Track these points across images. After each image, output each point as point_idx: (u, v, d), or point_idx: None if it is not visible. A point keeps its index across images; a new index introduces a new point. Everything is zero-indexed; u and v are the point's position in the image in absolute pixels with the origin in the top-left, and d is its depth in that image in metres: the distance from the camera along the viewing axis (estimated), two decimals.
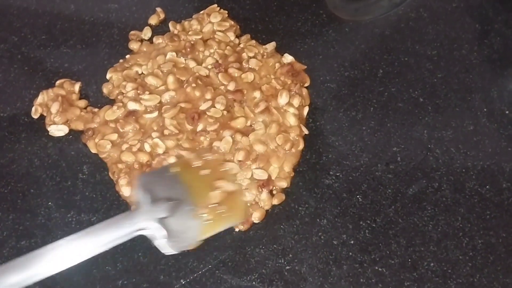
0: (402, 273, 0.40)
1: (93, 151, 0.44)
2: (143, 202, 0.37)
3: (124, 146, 0.43)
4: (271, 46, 0.50)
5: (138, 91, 0.46)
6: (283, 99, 0.46)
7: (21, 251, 0.40)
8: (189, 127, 0.44)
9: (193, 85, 0.46)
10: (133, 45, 0.50)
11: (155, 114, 0.45)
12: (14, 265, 0.33)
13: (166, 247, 0.37)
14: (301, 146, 0.45)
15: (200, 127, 0.44)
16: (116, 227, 0.36)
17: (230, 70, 0.47)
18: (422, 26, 0.52)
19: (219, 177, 0.41)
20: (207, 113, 0.44)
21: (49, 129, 0.45)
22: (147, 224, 0.36)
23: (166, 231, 0.36)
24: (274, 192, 0.43)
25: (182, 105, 0.45)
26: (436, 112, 0.47)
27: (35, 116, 0.46)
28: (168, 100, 0.46)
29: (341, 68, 0.50)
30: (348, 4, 0.48)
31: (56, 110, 0.45)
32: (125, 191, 0.42)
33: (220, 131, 0.43)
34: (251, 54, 0.48)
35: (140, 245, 0.41)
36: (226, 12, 0.51)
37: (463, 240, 0.42)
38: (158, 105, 0.45)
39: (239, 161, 0.42)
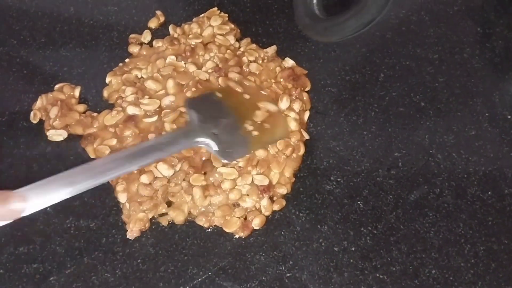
0: (403, 280, 0.40)
1: (92, 156, 0.44)
2: (194, 120, 0.42)
3: None
4: (272, 49, 0.49)
5: (138, 96, 0.45)
6: (283, 104, 0.45)
7: (20, 257, 0.40)
8: None
9: (193, 89, 0.45)
10: (133, 49, 0.49)
11: (155, 118, 0.44)
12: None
13: (223, 157, 0.41)
14: (301, 151, 0.44)
15: None
16: (177, 139, 0.41)
17: (230, 74, 0.46)
18: (424, 29, 0.52)
19: (260, 99, 0.45)
20: None
21: (48, 133, 0.45)
22: (201, 137, 0.41)
23: (218, 144, 0.41)
24: (275, 198, 0.43)
25: (182, 109, 0.44)
26: (437, 116, 0.47)
27: (34, 121, 0.45)
28: (168, 105, 0.45)
29: (342, 72, 0.49)
30: (317, 23, 0.48)
31: (55, 115, 0.45)
32: (121, 197, 0.42)
33: None
34: (252, 58, 0.48)
35: (139, 252, 0.40)
36: (227, 15, 0.51)
37: (464, 247, 0.41)
38: (157, 109, 0.45)
39: (240, 167, 0.42)
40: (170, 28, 0.50)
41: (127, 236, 0.41)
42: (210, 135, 0.41)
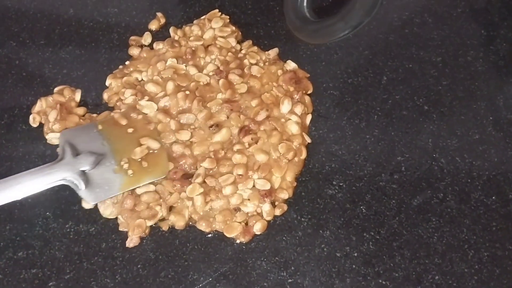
0: (406, 286, 0.39)
1: None
2: (66, 155, 0.41)
3: None
4: (273, 52, 0.49)
5: (138, 98, 0.45)
6: (285, 107, 0.45)
7: (19, 262, 0.40)
8: None
9: (187, 92, 0.45)
10: (133, 51, 0.49)
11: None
12: None
13: (88, 198, 0.40)
14: (303, 155, 0.44)
15: None
16: (38, 176, 0.39)
17: (231, 77, 0.46)
18: (427, 31, 0.52)
19: (143, 135, 0.43)
20: None
21: (47, 137, 0.44)
22: (67, 175, 0.40)
23: (86, 183, 0.40)
24: (276, 203, 0.42)
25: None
26: (441, 120, 0.47)
27: (34, 124, 0.45)
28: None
29: (344, 75, 0.49)
30: (307, 25, 0.47)
31: (54, 118, 0.44)
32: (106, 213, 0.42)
33: None
34: (253, 61, 0.47)
35: (139, 257, 0.40)
36: (228, 17, 0.51)
37: (468, 253, 0.41)
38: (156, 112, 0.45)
39: (239, 175, 0.42)
40: (171, 30, 0.50)
41: (126, 245, 0.40)
42: (77, 173, 0.40)
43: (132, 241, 0.40)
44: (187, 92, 0.45)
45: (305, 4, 0.48)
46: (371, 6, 0.40)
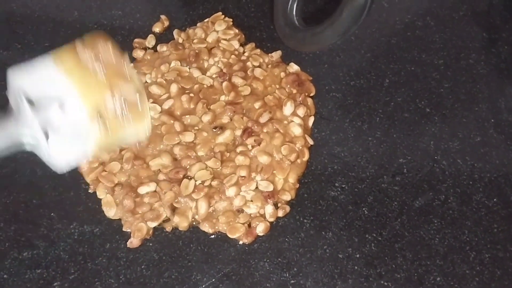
0: (408, 287, 0.40)
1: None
2: (21, 106, 0.31)
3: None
4: (276, 54, 0.49)
5: None
6: (287, 109, 0.45)
7: (23, 262, 0.40)
8: None
9: (191, 94, 0.45)
10: (137, 54, 0.49)
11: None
12: None
13: (55, 159, 0.31)
14: (306, 157, 0.44)
15: None
16: None
17: (234, 79, 0.46)
18: (429, 34, 0.52)
19: (118, 78, 0.33)
20: None
21: None
22: (26, 129, 0.31)
23: (49, 145, 0.30)
24: (279, 204, 0.42)
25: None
26: (442, 122, 0.47)
27: None
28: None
29: (346, 77, 0.49)
30: (296, 33, 0.48)
31: None
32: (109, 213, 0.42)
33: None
34: (256, 63, 0.48)
35: (143, 257, 0.40)
36: (231, 20, 0.51)
37: (470, 254, 0.41)
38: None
39: (242, 176, 0.42)
40: (175, 33, 0.50)
41: (127, 245, 0.41)
42: (38, 124, 0.30)
43: (132, 243, 0.40)
44: (191, 95, 0.45)
45: (294, 12, 0.48)
46: (358, 14, 0.41)
